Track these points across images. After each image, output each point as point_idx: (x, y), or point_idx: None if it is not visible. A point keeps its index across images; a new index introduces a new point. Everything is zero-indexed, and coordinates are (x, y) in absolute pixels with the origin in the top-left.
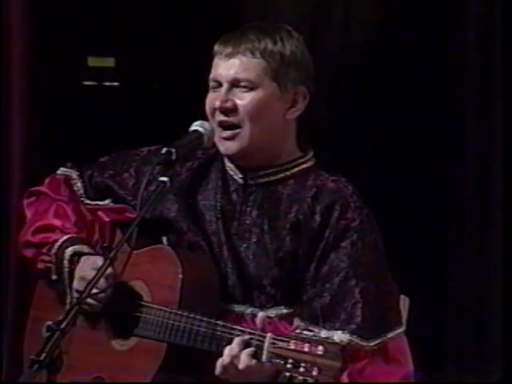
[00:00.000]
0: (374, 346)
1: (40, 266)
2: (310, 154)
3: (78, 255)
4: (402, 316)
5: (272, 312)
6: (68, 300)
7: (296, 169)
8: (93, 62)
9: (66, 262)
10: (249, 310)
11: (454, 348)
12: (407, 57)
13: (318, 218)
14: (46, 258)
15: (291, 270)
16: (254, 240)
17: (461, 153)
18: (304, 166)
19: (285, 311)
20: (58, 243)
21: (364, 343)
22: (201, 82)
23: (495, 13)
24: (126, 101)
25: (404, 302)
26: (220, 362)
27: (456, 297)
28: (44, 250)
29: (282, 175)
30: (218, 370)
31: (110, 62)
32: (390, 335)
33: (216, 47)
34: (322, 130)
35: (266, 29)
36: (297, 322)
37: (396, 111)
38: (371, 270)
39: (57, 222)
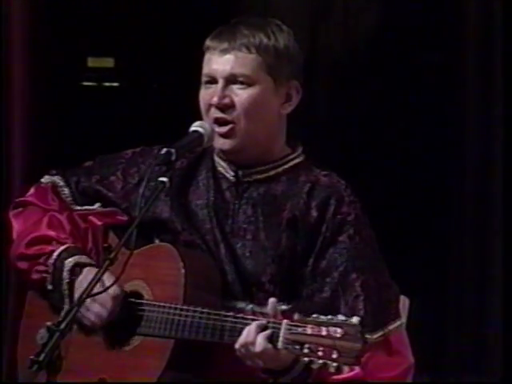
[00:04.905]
0: (377, 338)
1: (35, 276)
2: (299, 150)
3: (78, 266)
4: (400, 308)
5: None
6: (66, 309)
7: (287, 165)
8: (92, 62)
9: (66, 274)
10: (249, 307)
11: (453, 348)
12: (407, 57)
13: (314, 213)
14: (42, 268)
15: (289, 266)
16: (250, 237)
17: (461, 153)
18: (294, 161)
19: (284, 307)
20: (55, 253)
21: (367, 336)
22: (200, 83)
23: (495, 13)
24: (125, 101)
25: (404, 303)
26: (237, 344)
27: (456, 297)
28: (40, 261)
29: (273, 172)
30: (236, 346)
31: (109, 62)
32: (391, 327)
33: (208, 42)
34: (322, 129)
35: (257, 23)
36: (297, 317)
37: (396, 111)
38: (370, 263)
39: (51, 233)
